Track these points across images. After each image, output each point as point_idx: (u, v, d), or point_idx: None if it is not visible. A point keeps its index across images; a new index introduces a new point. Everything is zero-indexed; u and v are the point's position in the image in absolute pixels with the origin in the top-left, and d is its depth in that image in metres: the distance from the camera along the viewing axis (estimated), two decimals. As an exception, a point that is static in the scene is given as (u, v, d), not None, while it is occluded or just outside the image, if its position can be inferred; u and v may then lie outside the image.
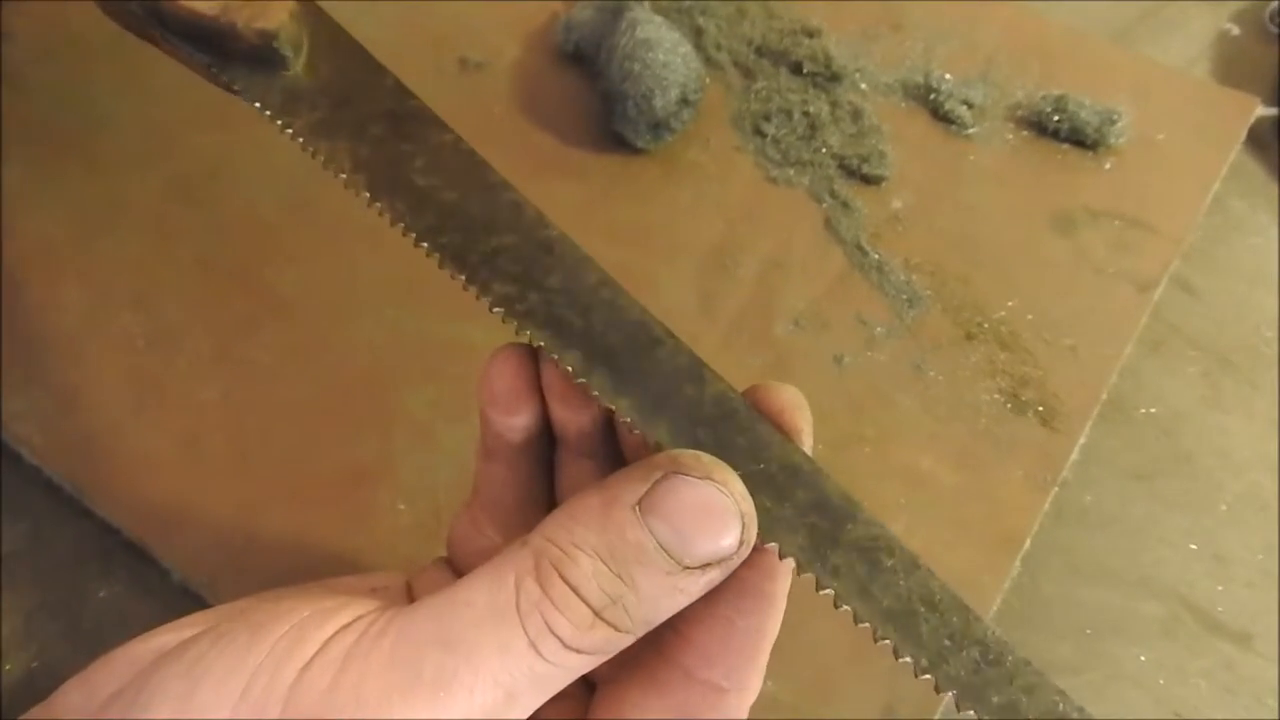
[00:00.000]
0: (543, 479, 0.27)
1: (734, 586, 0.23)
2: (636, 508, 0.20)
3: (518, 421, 0.25)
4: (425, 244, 0.25)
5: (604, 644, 0.21)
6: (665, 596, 0.21)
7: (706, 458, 0.21)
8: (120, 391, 0.41)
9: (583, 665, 0.21)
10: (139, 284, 0.45)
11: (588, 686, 0.27)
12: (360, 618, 0.21)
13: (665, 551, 0.20)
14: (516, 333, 0.24)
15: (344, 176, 0.26)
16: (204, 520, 0.38)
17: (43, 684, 0.36)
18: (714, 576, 0.21)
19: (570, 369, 0.23)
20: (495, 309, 0.24)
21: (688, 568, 0.20)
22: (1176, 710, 0.38)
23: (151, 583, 0.38)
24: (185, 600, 0.37)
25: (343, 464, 0.40)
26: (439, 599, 0.21)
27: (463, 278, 0.25)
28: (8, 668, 0.36)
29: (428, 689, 0.19)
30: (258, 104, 0.28)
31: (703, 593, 0.21)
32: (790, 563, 0.22)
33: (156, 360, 0.42)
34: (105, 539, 0.39)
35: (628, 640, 0.21)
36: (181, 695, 0.20)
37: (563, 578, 0.20)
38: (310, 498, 0.39)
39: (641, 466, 0.21)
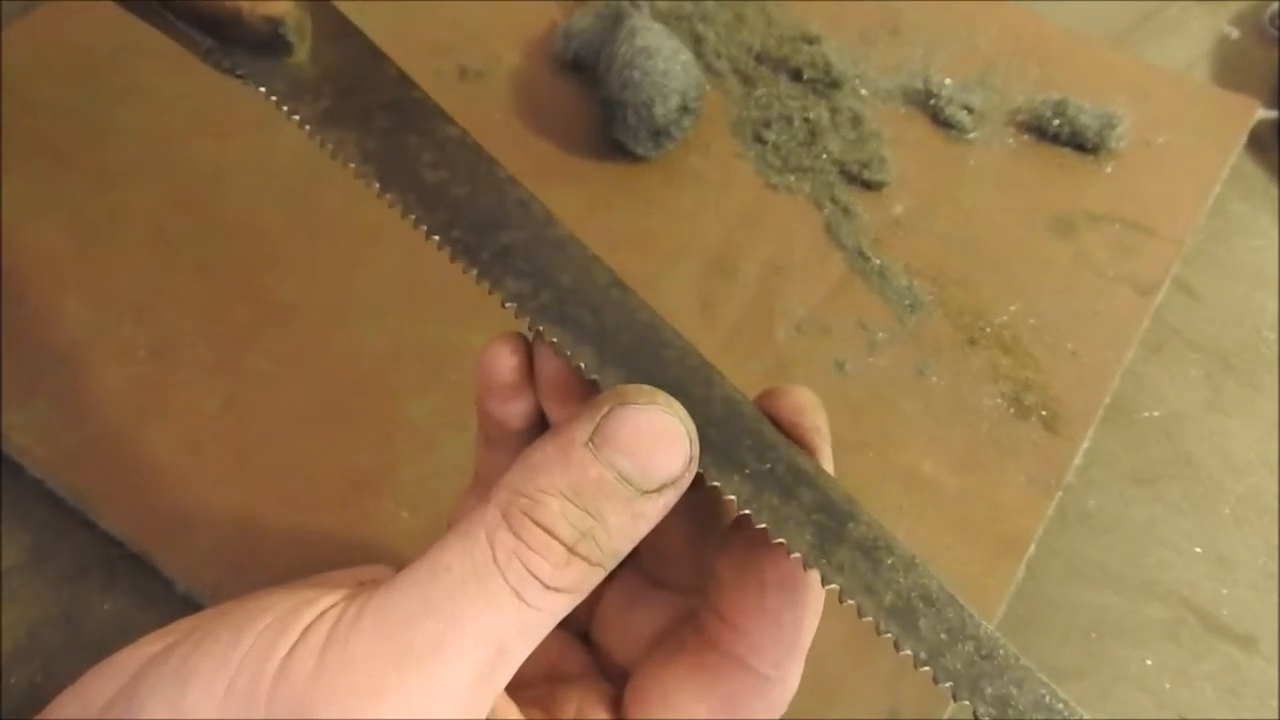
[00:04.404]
0: None
1: (781, 580, 0.23)
2: (590, 444, 0.21)
3: (515, 409, 0.26)
4: (436, 237, 0.25)
5: (580, 580, 0.21)
6: (629, 524, 0.21)
7: (647, 387, 0.22)
8: (122, 402, 0.41)
9: (563, 606, 0.21)
10: (140, 294, 0.45)
11: (605, 674, 0.27)
12: (336, 604, 0.21)
13: (626, 481, 0.21)
14: (529, 329, 0.24)
15: (353, 166, 0.26)
16: (207, 530, 0.38)
17: (46, 697, 0.35)
18: (669, 499, 0.22)
19: (583, 365, 0.23)
20: (508, 304, 0.24)
21: (646, 492, 0.21)
22: (1180, 713, 0.38)
23: (155, 594, 0.38)
24: (188, 611, 0.37)
25: (345, 471, 0.40)
26: (413, 570, 0.21)
27: (474, 272, 0.25)
28: (11, 681, 0.36)
29: (417, 658, 0.19)
30: (263, 89, 0.28)
31: (660, 517, 0.22)
32: None
33: (158, 370, 0.42)
34: (108, 550, 0.39)
35: (600, 575, 0.22)
36: (170, 698, 0.20)
37: (535, 521, 0.21)
38: (312, 505, 0.39)
39: (588, 406, 0.22)
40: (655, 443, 0.21)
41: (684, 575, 0.27)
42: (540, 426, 0.26)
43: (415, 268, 0.45)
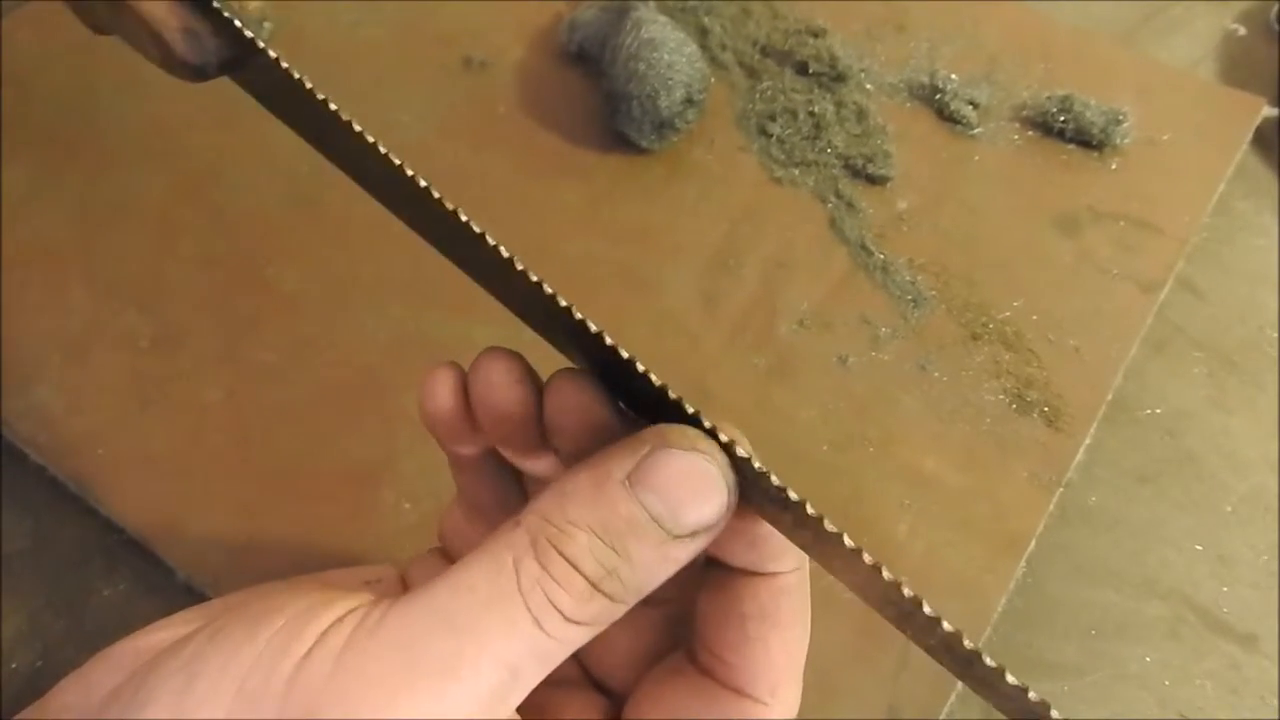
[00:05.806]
0: (509, 477, 0.28)
1: (759, 611, 0.24)
2: (626, 482, 0.21)
3: (462, 448, 0.26)
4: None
5: (601, 614, 0.21)
6: (657, 565, 0.21)
7: (692, 431, 0.22)
8: (124, 391, 0.41)
9: (581, 637, 0.21)
10: (142, 284, 0.45)
11: (609, 699, 0.27)
12: (354, 610, 0.21)
13: (657, 523, 0.21)
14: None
15: (317, 98, 0.26)
16: (208, 519, 0.38)
17: (46, 683, 0.35)
18: (701, 543, 0.22)
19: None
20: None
21: (678, 537, 0.21)
22: (1181, 711, 0.38)
23: (155, 581, 0.38)
24: (189, 599, 0.37)
25: (346, 462, 0.40)
26: (437, 586, 0.21)
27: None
28: (12, 666, 0.36)
29: (433, 674, 0.19)
30: (228, 14, 0.28)
31: (690, 559, 0.22)
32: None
33: (160, 359, 0.42)
34: (109, 538, 0.39)
35: (622, 610, 0.22)
36: (178, 692, 0.20)
37: (560, 554, 0.21)
38: (314, 496, 0.39)
39: (629, 442, 0.22)
40: (693, 489, 0.21)
41: (660, 588, 0.27)
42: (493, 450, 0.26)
43: (418, 259, 0.45)
